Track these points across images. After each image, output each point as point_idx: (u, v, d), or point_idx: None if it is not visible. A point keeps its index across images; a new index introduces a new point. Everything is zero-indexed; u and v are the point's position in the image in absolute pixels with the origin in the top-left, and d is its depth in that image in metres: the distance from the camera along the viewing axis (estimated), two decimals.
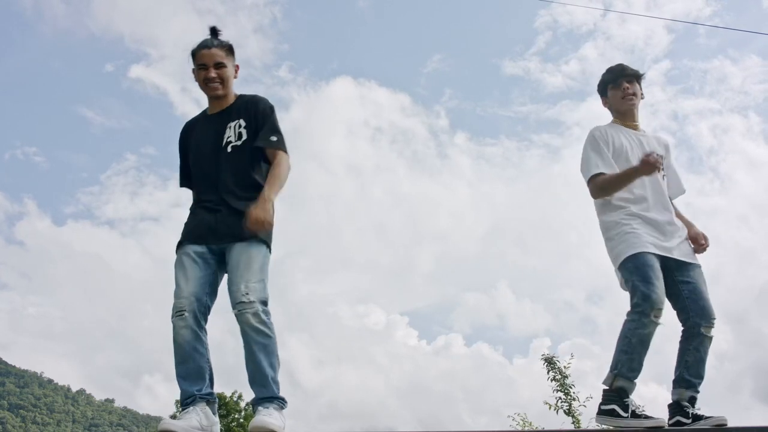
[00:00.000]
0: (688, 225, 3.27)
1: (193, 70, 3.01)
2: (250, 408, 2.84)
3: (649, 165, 2.99)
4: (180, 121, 3.09)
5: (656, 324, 2.90)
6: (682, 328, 3.04)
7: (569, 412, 11.68)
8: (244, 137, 2.95)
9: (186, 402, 2.71)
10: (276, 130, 2.96)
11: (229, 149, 2.93)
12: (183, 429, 2.55)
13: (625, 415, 2.82)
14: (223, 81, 2.97)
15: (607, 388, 2.90)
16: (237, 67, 3.07)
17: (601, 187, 3.14)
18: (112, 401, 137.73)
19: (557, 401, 12.99)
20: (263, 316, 2.70)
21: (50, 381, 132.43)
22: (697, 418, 2.85)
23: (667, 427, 2.81)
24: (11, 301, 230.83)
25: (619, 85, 3.31)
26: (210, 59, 2.94)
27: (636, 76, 3.34)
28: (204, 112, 3.12)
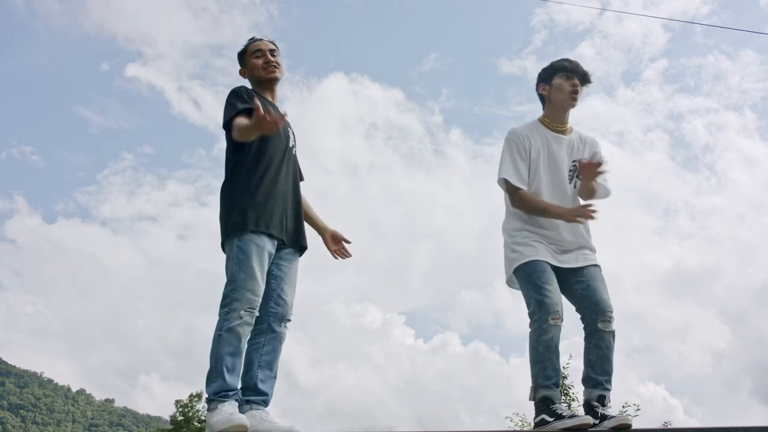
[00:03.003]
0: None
1: (245, 65, 3.14)
2: (247, 404, 2.71)
3: (575, 216, 3.00)
4: (177, 120, 3.13)
5: (557, 326, 2.89)
6: (582, 326, 3.01)
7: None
8: (295, 151, 3.13)
9: (227, 394, 2.62)
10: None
11: (294, 152, 3.11)
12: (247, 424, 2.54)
13: (550, 419, 2.82)
14: (279, 65, 3.12)
15: (533, 401, 2.90)
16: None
17: (518, 204, 3.13)
18: (112, 401, 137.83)
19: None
20: None
21: (50, 381, 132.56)
22: (605, 418, 2.80)
23: (590, 429, 2.76)
24: (4, 300, 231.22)
25: (571, 78, 3.15)
26: (266, 46, 3.14)
27: (588, 80, 3.20)
28: (255, 92, 3.05)
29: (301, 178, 3.18)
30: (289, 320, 2.92)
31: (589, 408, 2.89)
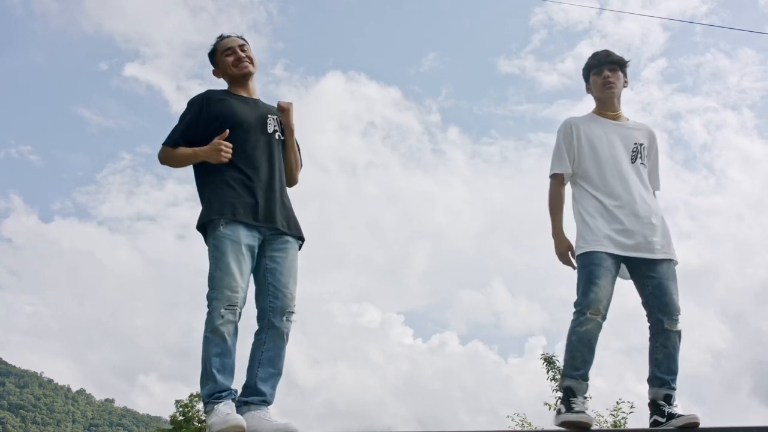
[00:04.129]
0: None
1: (217, 64, 3.12)
2: (245, 405, 2.69)
3: (564, 262, 3.14)
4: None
5: (594, 321, 2.93)
6: (648, 325, 3.04)
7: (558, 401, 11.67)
8: (282, 138, 3.08)
9: (221, 395, 2.62)
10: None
11: (277, 137, 3.04)
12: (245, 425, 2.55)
13: (564, 411, 2.88)
14: (252, 60, 3.10)
15: (559, 389, 2.95)
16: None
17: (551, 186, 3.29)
18: (112, 401, 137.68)
19: (557, 401, 13.02)
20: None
21: (50, 381, 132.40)
22: (672, 416, 2.84)
23: (594, 427, 2.84)
24: (3, 300, 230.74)
25: (600, 72, 3.27)
26: (235, 42, 3.11)
27: (620, 64, 3.30)
28: (225, 92, 3.09)
29: (298, 166, 3.14)
30: (292, 312, 2.82)
31: (655, 407, 2.92)
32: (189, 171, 3.03)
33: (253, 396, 2.75)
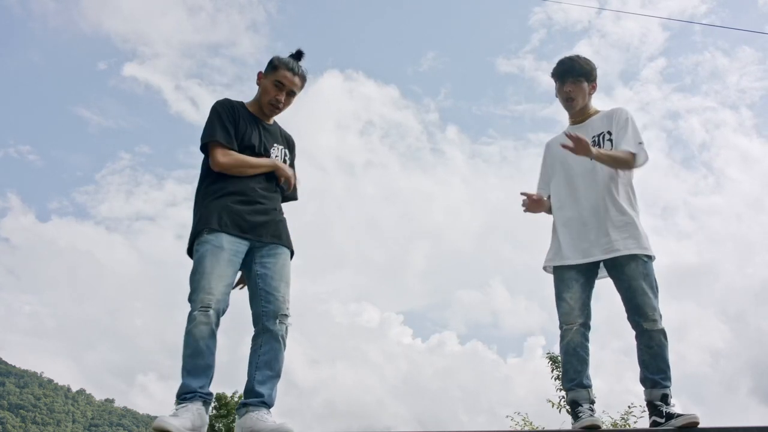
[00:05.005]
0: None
1: (264, 76, 3.08)
2: (243, 407, 2.75)
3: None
4: (175, 119, 3.12)
5: (572, 330, 3.01)
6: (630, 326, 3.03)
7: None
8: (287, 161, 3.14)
9: (184, 397, 2.67)
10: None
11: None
12: (177, 429, 2.51)
13: (573, 422, 2.96)
14: (282, 109, 3.10)
15: (567, 405, 3.03)
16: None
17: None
18: (112, 401, 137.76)
19: (560, 399, 12.98)
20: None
21: (50, 381, 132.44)
22: (671, 416, 2.81)
23: (603, 428, 2.86)
24: (2, 299, 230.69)
25: (562, 86, 3.27)
26: (290, 84, 3.06)
27: (585, 74, 3.24)
28: (243, 105, 3.11)
29: (293, 197, 3.19)
30: (286, 315, 2.85)
31: (653, 408, 2.90)
32: (189, 171, 2.99)
33: (252, 398, 2.77)
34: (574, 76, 3.23)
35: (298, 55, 3.12)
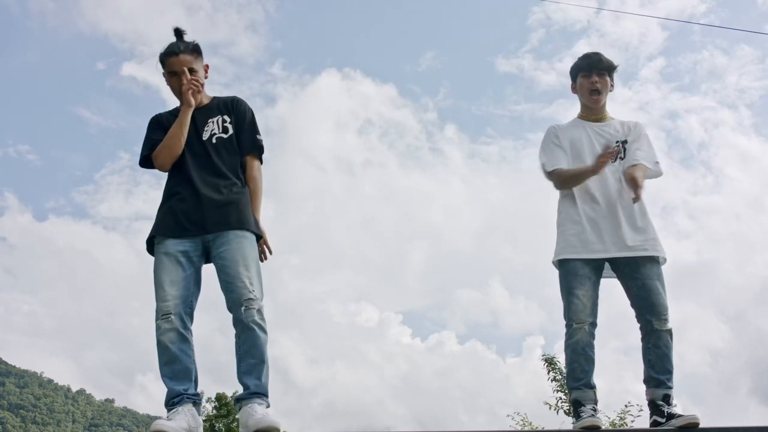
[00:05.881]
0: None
1: (164, 74, 3.02)
2: (237, 402, 2.78)
3: (601, 163, 3.00)
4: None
5: (582, 330, 2.96)
6: (638, 326, 3.03)
7: (570, 412, 11.64)
8: (230, 132, 3.00)
9: (173, 401, 2.70)
10: (259, 135, 3.05)
11: (214, 140, 2.97)
12: (175, 430, 2.55)
13: (575, 422, 2.94)
14: (199, 86, 2.98)
15: (569, 403, 2.98)
16: (207, 67, 3.08)
17: (557, 184, 3.22)
18: (112, 401, 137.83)
19: (557, 401, 13.01)
20: (264, 313, 2.80)
21: (50, 381, 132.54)
22: (671, 417, 2.83)
23: (604, 428, 2.89)
24: (1, 299, 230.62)
25: (589, 76, 3.24)
26: (180, 66, 2.94)
27: (610, 69, 3.26)
28: (173, 112, 3.05)
29: (247, 152, 3.02)
30: (251, 299, 2.75)
31: (654, 407, 2.92)
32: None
33: (243, 391, 2.77)
34: (602, 70, 3.24)
35: (176, 33, 3.04)
